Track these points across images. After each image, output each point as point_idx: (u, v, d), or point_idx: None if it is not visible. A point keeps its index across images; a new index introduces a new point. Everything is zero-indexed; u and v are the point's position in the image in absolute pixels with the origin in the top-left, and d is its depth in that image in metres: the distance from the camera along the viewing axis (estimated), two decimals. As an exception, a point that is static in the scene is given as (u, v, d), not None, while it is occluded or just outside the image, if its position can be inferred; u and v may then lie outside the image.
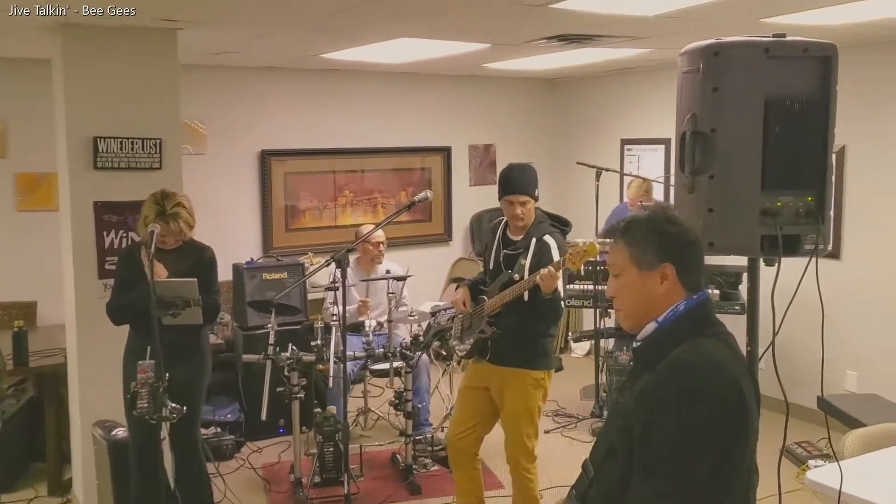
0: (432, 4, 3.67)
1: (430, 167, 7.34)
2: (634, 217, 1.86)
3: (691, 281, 1.81)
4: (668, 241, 1.79)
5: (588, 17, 3.96)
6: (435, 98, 7.25)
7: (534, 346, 3.65)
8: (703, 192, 2.39)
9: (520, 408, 3.65)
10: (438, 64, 6.12)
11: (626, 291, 1.83)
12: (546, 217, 3.74)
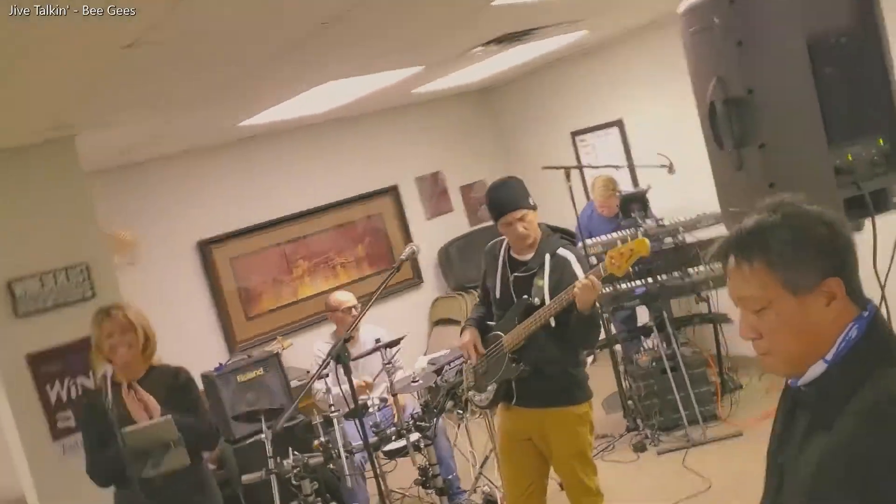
0: (365, 34, 3.22)
1: (381, 212, 6.85)
2: (765, 224, 1.36)
3: (858, 293, 1.35)
4: (825, 247, 1.33)
5: (527, 8, 3.56)
6: (369, 138, 6.78)
7: (568, 377, 3.21)
8: (756, 166, 1.97)
9: (571, 452, 3.23)
10: (365, 102, 5.66)
11: (779, 329, 1.35)
12: (553, 230, 3.29)
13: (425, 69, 4.72)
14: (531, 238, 3.17)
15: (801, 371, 1.37)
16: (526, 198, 3.16)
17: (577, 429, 3.20)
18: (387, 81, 4.79)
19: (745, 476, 4.31)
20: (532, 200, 3.18)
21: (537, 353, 3.14)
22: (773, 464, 1.50)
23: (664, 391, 5.05)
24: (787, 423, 1.47)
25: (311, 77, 3.95)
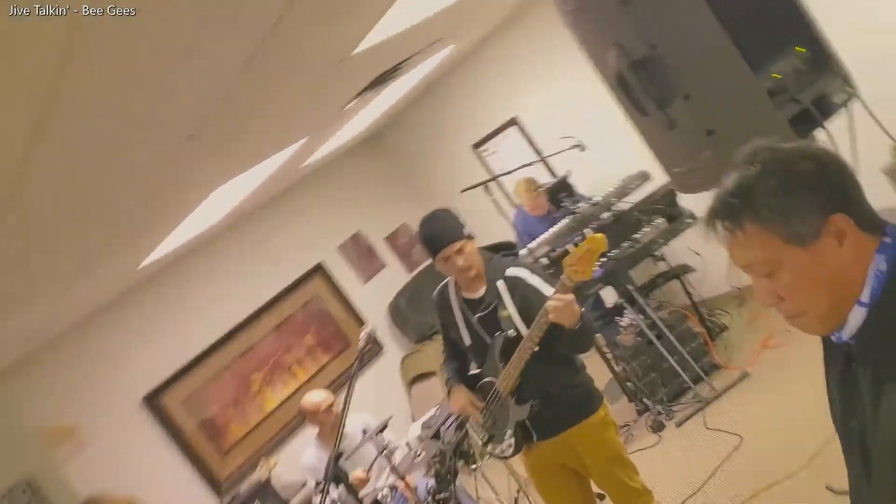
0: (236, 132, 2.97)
1: (315, 295, 6.55)
2: (746, 179, 1.20)
3: (871, 220, 1.18)
4: (817, 184, 1.17)
5: (385, 46, 3.38)
6: (277, 226, 6.48)
7: (577, 390, 3.01)
8: (687, 119, 1.83)
9: (606, 458, 3.04)
10: (262, 191, 5.39)
11: (799, 287, 1.19)
12: (492, 251, 3.06)
13: (309, 139, 4.49)
14: (473, 270, 2.93)
15: (839, 322, 1.20)
16: (459, 228, 2.92)
17: (603, 435, 3.02)
18: (275, 164, 4.54)
19: (771, 415, 4.17)
20: (467, 230, 2.94)
21: (537, 382, 2.92)
22: (847, 432, 1.31)
23: (658, 361, 4.90)
24: (847, 383, 1.29)
25: (197, 192, 3.68)
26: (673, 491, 4.09)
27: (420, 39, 3.89)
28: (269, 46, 2.09)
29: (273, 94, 2.78)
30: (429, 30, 3.77)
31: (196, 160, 2.94)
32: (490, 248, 3.11)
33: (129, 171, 2.52)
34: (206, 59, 1.92)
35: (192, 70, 1.93)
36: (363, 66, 3.44)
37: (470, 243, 2.91)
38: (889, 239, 1.17)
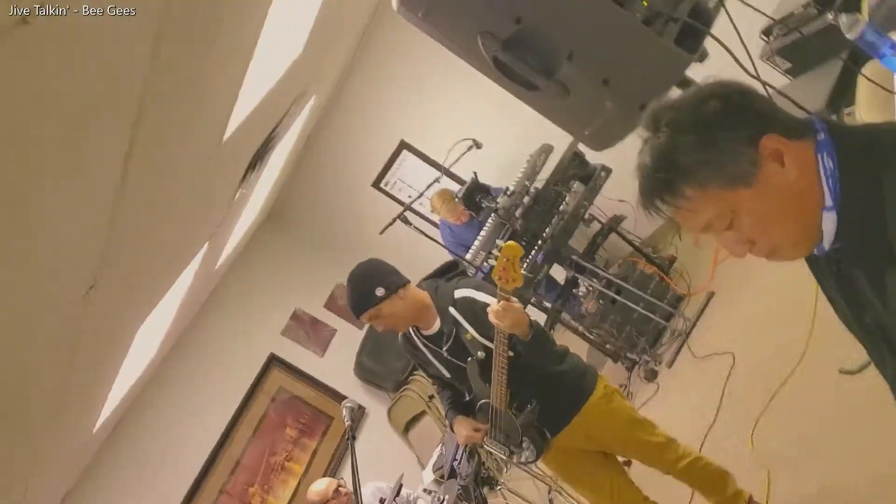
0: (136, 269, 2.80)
1: (279, 385, 6.33)
2: (660, 148, 1.15)
3: (796, 125, 1.15)
4: (730, 120, 1.12)
5: (251, 122, 3.27)
6: (213, 338, 6.25)
7: (569, 377, 2.94)
8: (580, 77, 1.78)
9: (621, 426, 2.98)
10: (185, 311, 5.18)
11: (762, 224, 1.15)
12: (434, 278, 2.97)
13: (210, 242, 4.33)
14: (400, 325, 2.86)
15: (816, 237, 1.17)
16: (370, 292, 2.77)
17: (609, 407, 2.95)
18: (187, 280, 4.36)
19: (750, 321, 4.21)
20: (384, 284, 2.78)
21: (527, 386, 2.84)
22: (865, 329, 1.27)
23: (627, 315, 4.90)
24: (845, 286, 1.25)
25: (122, 340, 3.48)
26: (691, 430, 4.07)
27: (281, 103, 3.79)
28: (136, 165, 1.96)
29: (158, 211, 2.63)
30: (285, 91, 3.68)
31: (107, 309, 2.76)
32: (433, 274, 3.02)
33: (43, 343, 2.34)
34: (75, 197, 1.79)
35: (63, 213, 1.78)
36: (237, 150, 3.32)
37: (386, 303, 2.78)
38: (822, 134, 1.14)
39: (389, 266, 2.90)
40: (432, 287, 2.90)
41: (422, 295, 2.86)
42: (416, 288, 2.91)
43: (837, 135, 1.14)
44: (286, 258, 6.98)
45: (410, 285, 2.87)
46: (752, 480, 3.34)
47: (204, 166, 2.85)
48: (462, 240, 5.33)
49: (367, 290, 2.77)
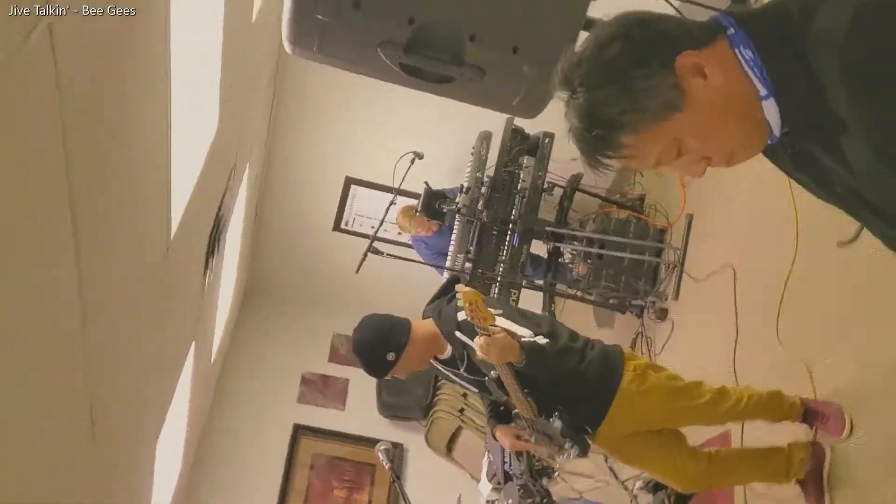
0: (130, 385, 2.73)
1: (312, 452, 6.25)
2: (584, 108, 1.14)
3: (704, 32, 1.13)
4: (639, 55, 1.11)
5: (194, 209, 3.21)
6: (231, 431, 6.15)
7: (591, 368, 2.77)
8: (489, 53, 1.75)
9: (660, 404, 2.85)
10: (195, 420, 5.08)
11: (709, 137, 1.14)
12: (438, 299, 2.89)
13: (196, 341, 4.25)
14: (419, 366, 2.79)
15: (764, 129, 1.15)
16: (382, 358, 2.65)
17: (643, 388, 2.80)
18: (186, 382, 4.28)
19: (738, 229, 4.20)
20: (390, 348, 2.66)
21: (548, 392, 2.72)
22: (840, 199, 1.26)
23: (618, 265, 4.89)
24: (805, 165, 1.24)
25: (144, 467, 3.39)
26: (719, 352, 4.05)
27: (217, 183, 3.73)
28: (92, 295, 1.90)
29: (129, 331, 2.57)
30: (216, 170, 3.62)
31: (116, 437, 2.69)
32: (437, 295, 2.92)
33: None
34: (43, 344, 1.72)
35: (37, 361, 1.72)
36: (188, 242, 3.26)
37: (399, 363, 2.68)
38: (731, 28, 1.13)
39: (386, 322, 2.76)
40: (436, 312, 2.81)
41: (427, 328, 2.77)
42: (421, 322, 2.80)
43: (747, 23, 1.12)
44: (276, 328, 6.89)
45: (414, 326, 2.75)
46: (792, 378, 3.32)
47: (161, 270, 2.79)
48: (439, 249, 5.29)
49: (377, 361, 2.68)
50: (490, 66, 1.73)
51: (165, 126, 2.27)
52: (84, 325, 1.87)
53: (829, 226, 3.37)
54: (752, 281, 3.93)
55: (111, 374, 2.32)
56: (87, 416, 2.17)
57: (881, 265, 2.97)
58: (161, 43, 2.05)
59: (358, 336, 2.73)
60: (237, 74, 3.28)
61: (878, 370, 2.87)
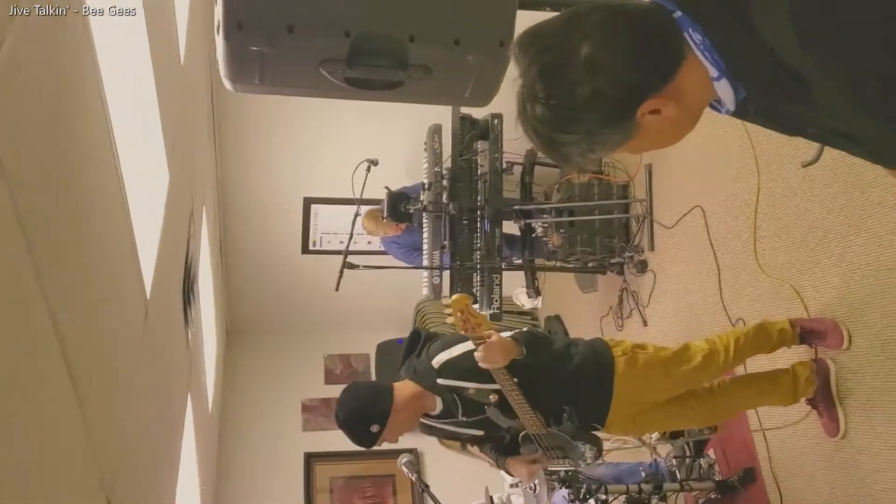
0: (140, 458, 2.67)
1: (329, 476, 6.21)
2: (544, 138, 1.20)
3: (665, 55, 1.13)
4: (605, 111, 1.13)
5: (164, 263, 3.15)
6: (249, 480, 6.09)
7: (585, 369, 2.75)
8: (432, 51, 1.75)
9: (659, 378, 2.83)
10: (207, 472, 5.01)
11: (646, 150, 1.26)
12: (407, 358, 2.80)
13: (191, 393, 4.19)
14: (409, 428, 2.73)
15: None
16: (367, 430, 2.59)
17: (636, 370, 2.77)
18: (191, 441, 4.22)
19: (700, 168, 4.24)
20: (374, 420, 2.58)
21: (549, 398, 2.68)
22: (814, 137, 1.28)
23: (590, 228, 4.92)
24: (774, 116, 1.25)
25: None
26: (704, 292, 4.10)
27: (179, 233, 3.67)
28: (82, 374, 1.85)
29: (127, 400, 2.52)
30: (176, 220, 3.56)
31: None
32: (403, 358, 2.82)
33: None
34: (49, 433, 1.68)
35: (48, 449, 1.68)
36: (163, 299, 3.20)
37: (385, 430, 2.61)
38: (678, 12, 1.11)
39: (367, 392, 2.69)
40: (411, 372, 2.74)
41: (409, 390, 2.68)
42: (402, 385, 2.70)
43: (689, 5, 1.11)
44: (266, 363, 6.82)
45: (396, 391, 2.67)
46: (782, 302, 3.38)
47: (144, 334, 2.74)
48: (411, 244, 5.27)
49: (362, 433, 2.62)
50: (436, 63, 1.71)
51: (120, 190, 2.23)
52: (81, 408, 1.82)
53: (787, 149, 3.42)
54: (723, 216, 3.98)
55: (118, 450, 2.28)
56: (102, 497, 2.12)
57: (845, 177, 3.02)
58: (99, 106, 2.00)
59: (340, 409, 2.65)
60: (177, 121, 3.22)
61: (861, 275, 2.92)
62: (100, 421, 2.02)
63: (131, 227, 2.34)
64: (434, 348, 2.70)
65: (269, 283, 6.64)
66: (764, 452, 3.49)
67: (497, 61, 1.65)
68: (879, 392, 2.81)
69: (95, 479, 2.03)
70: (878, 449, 2.78)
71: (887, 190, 2.79)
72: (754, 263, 3.61)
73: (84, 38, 1.84)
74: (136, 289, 2.51)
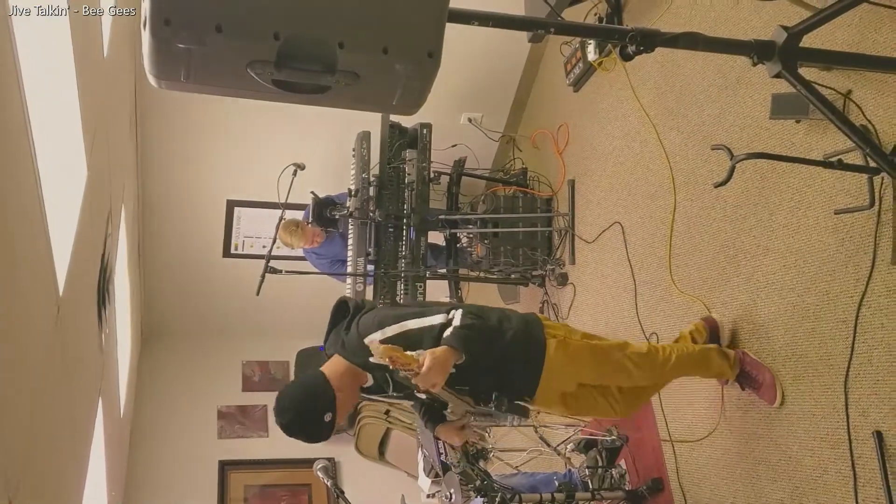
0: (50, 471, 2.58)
1: (243, 484, 6.09)
2: None
3: None
4: None
5: (77, 265, 3.06)
6: (161, 487, 5.91)
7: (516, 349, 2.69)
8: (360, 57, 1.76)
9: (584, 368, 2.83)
10: (115, 477, 4.85)
11: None
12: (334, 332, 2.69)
13: (102, 396, 4.06)
14: (352, 405, 2.71)
15: None
16: (320, 425, 2.46)
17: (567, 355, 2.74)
18: (100, 443, 4.09)
19: (620, 185, 4.37)
20: (326, 409, 2.46)
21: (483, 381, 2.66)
22: None
23: (513, 240, 5.01)
24: None
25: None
26: (620, 306, 4.22)
27: (96, 231, 3.57)
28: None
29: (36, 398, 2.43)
30: (93, 218, 3.46)
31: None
32: (328, 331, 2.72)
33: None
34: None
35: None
36: (77, 297, 3.10)
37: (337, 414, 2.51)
38: None
39: (303, 390, 2.55)
40: (339, 346, 2.62)
41: (341, 366, 2.58)
42: (332, 364, 2.59)
43: None
44: (182, 367, 6.66)
45: (328, 373, 2.55)
46: (693, 317, 3.50)
47: (54, 331, 2.65)
48: (332, 255, 5.25)
49: (317, 428, 2.49)
50: (364, 70, 1.73)
51: (35, 183, 2.16)
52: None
53: (701, 168, 3.57)
54: (640, 233, 4.11)
55: (23, 450, 2.20)
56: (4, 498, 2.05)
57: (755, 199, 3.17)
58: (16, 95, 1.95)
59: (282, 417, 2.49)
60: (98, 115, 3.14)
61: (767, 294, 3.07)
62: (6, 420, 1.95)
63: (46, 223, 2.27)
64: (365, 324, 2.57)
65: (188, 285, 6.49)
66: (672, 463, 3.61)
67: (424, 71, 1.68)
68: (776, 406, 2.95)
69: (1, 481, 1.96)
70: (777, 460, 2.92)
71: (792, 213, 2.95)
72: (669, 279, 3.74)
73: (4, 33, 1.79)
74: (49, 284, 2.43)
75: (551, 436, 4.35)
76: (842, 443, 2.60)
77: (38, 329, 2.34)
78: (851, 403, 2.59)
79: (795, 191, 2.95)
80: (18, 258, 2.04)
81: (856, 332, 2.58)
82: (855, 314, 2.58)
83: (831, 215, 2.74)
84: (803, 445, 2.79)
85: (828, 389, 2.70)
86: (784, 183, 3.02)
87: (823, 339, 2.74)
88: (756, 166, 3.16)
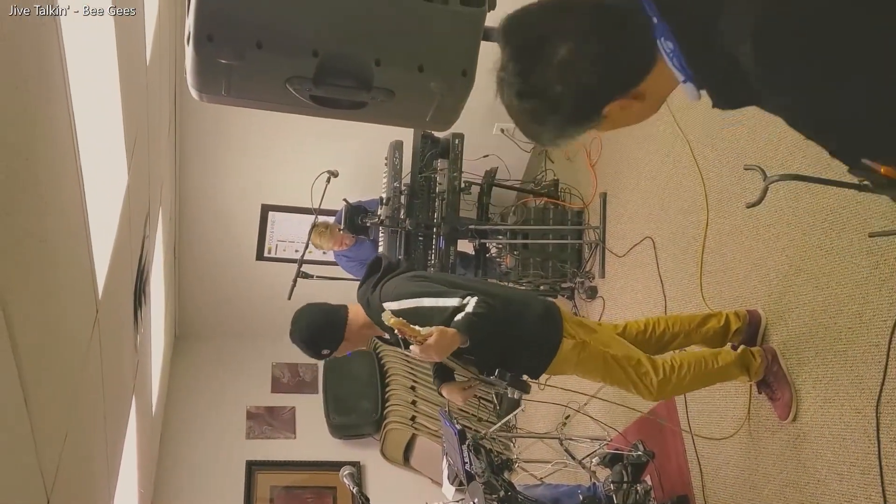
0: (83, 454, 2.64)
1: (269, 484, 6.16)
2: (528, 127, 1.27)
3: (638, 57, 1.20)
4: (579, 114, 1.25)
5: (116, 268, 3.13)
6: (189, 487, 6.01)
7: (528, 338, 2.79)
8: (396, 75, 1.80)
9: (592, 373, 2.90)
10: (146, 476, 4.94)
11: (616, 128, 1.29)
12: (363, 294, 2.88)
13: (135, 396, 4.14)
14: (357, 349, 2.91)
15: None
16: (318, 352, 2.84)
17: (581, 357, 2.80)
18: (133, 445, 4.17)
19: (652, 200, 4.36)
20: (326, 346, 2.83)
21: (488, 358, 2.77)
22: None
23: (543, 251, 5.02)
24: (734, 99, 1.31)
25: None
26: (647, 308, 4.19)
27: (134, 233, 3.65)
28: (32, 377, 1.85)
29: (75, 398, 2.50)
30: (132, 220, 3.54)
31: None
32: (362, 282, 2.92)
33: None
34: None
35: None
36: (115, 301, 3.17)
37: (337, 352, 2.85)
38: (654, 18, 1.16)
39: (320, 321, 2.84)
40: (364, 302, 2.87)
41: (362, 320, 2.85)
42: (357, 311, 2.87)
43: (668, 12, 1.16)
44: (214, 367, 6.76)
45: (350, 316, 2.84)
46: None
47: (93, 332, 2.72)
48: (362, 258, 5.29)
49: (313, 353, 2.85)
50: (399, 87, 1.77)
51: (78, 188, 2.23)
52: (27, 404, 1.82)
53: (736, 188, 3.55)
54: (672, 248, 4.09)
55: (60, 449, 2.26)
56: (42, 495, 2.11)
57: (788, 219, 3.15)
58: (63, 105, 2.01)
59: (293, 330, 2.83)
60: (139, 121, 3.22)
61: (798, 314, 3.04)
62: (45, 417, 2.01)
63: (88, 227, 2.34)
64: (386, 292, 2.76)
65: (222, 288, 6.59)
66: (698, 481, 3.59)
67: (458, 90, 1.71)
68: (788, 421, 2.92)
69: (37, 476, 2.02)
70: (805, 483, 2.89)
71: (826, 234, 2.92)
72: (699, 297, 3.72)
73: (53, 37, 1.85)
74: (89, 288, 2.50)
75: (576, 449, 4.34)
76: (872, 468, 2.57)
77: (77, 331, 2.41)
78: (883, 428, 2.55)
79: (829, 212, 2.92)
80: (59, 261, 2.11)
81: (888, 356, 2.55)
82: (888, 338, 2.55)
83: (865, 238, 2.71)
84: (832, 469, 2.76)
85: (858, 413, 2.67)
86: (818, 203, 2.99)
87: (855, 363, 2.71)
88: (790, 186, 3.14)
